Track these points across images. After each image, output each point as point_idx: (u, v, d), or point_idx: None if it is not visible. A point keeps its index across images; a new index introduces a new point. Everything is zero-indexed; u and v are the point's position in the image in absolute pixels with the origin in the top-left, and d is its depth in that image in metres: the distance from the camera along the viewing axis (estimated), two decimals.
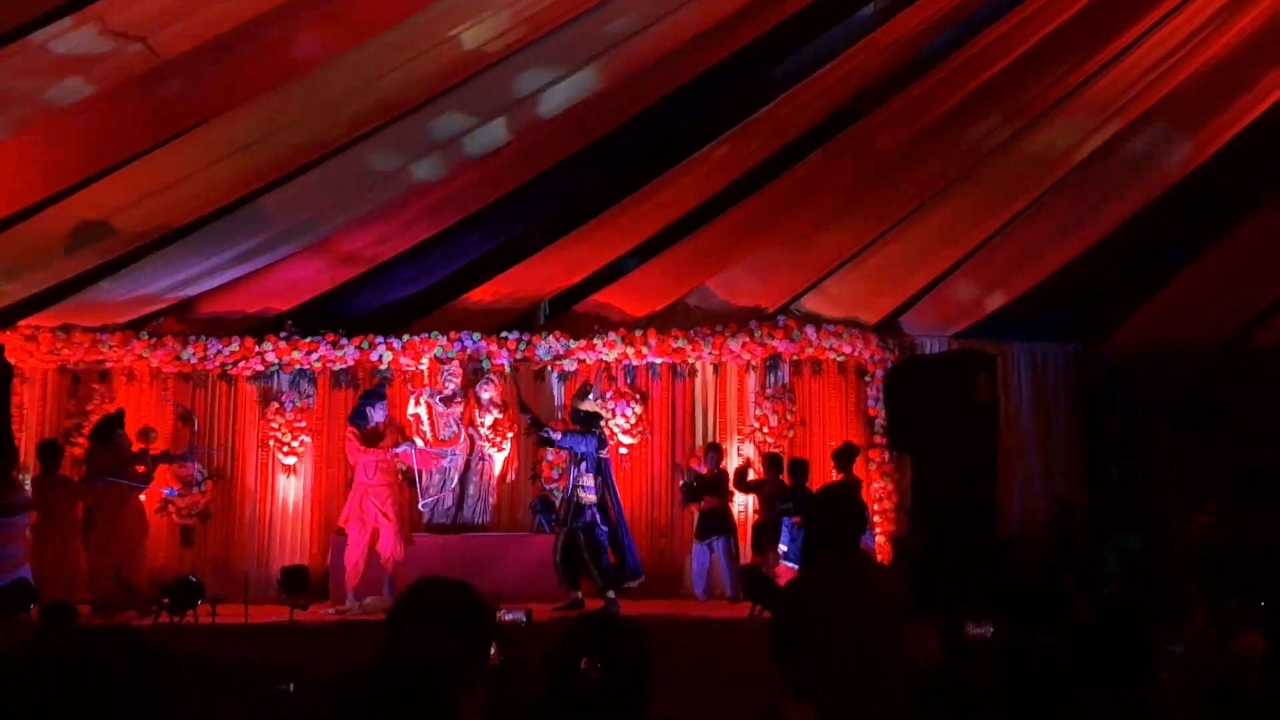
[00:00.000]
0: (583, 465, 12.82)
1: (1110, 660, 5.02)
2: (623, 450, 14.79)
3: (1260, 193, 14.00)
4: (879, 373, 14.86)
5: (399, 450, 13.47)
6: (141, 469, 13.20)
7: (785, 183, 13.61)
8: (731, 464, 14.49)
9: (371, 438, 13.06)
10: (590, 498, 12.73)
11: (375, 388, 13.92)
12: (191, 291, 14.09)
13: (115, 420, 13.23)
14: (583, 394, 13.47)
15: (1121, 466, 15.51)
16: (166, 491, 13.96)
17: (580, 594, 12.56)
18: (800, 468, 13.77)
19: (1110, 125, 13.08)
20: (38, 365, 14.22)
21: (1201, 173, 13.53)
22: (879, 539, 14.27)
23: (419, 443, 14.18)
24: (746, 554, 14.03)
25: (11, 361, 12.88)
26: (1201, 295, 14.65)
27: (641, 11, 11.36)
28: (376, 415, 13.21)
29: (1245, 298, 14.90)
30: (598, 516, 12.71)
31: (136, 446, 13.43)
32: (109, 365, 14.40)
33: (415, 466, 14.11)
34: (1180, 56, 12.42)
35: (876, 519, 14.37)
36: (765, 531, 13.68)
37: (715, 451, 14.30)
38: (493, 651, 3.95)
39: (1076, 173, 13.66)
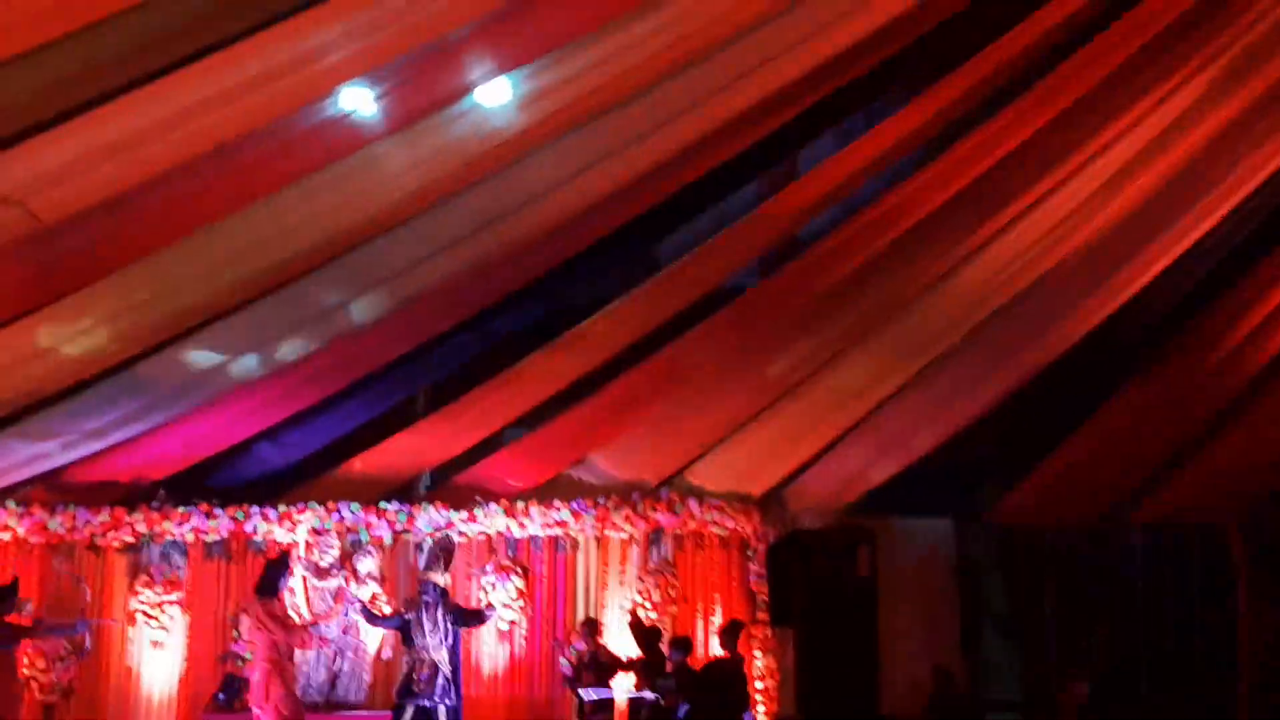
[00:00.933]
0: (456, 639, 12.58)
1: None
2: (503, 625, 14.52)
3: (1128, 374, 14.43)
4: (761, 548, 14.82)
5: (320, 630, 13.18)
6: (29, 638, 12.63)
7: (667, 356, 13.70)
8: (612, 638, 14.21)
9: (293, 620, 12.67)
10: (450, 673, 12.56)
11: (283, 558, 13.33)
12: (62, 459, 13.71)
13: (9, 591, 12.65)
14: (439, 566, 13.19)
15: (1002, 639, 15.59)
16: None
17: None
18: (682, 644, 13.58)
19: (988, 303, 13.42)
20: None
21: (1075, 352, 13.88)
22: (763, 717, 14.09)
23: (306, 617, 13.83)
24: None
25: None
26: (1076, 472, 14.91)
27: (526, 190, 11.51)
28: (285, 588, 12.81)
29: (1117, 477, 15.20)
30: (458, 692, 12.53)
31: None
32: None
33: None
34: (1056, 239, 12.86)
35: (759, 696, 14.19)
36: (641, 708, 13.40)
37: (591, 627, 14.03)
38: None
39: (953, 350, 13.94)
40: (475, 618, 13.09)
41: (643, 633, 13.60)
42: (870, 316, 13.55)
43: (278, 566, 12.76)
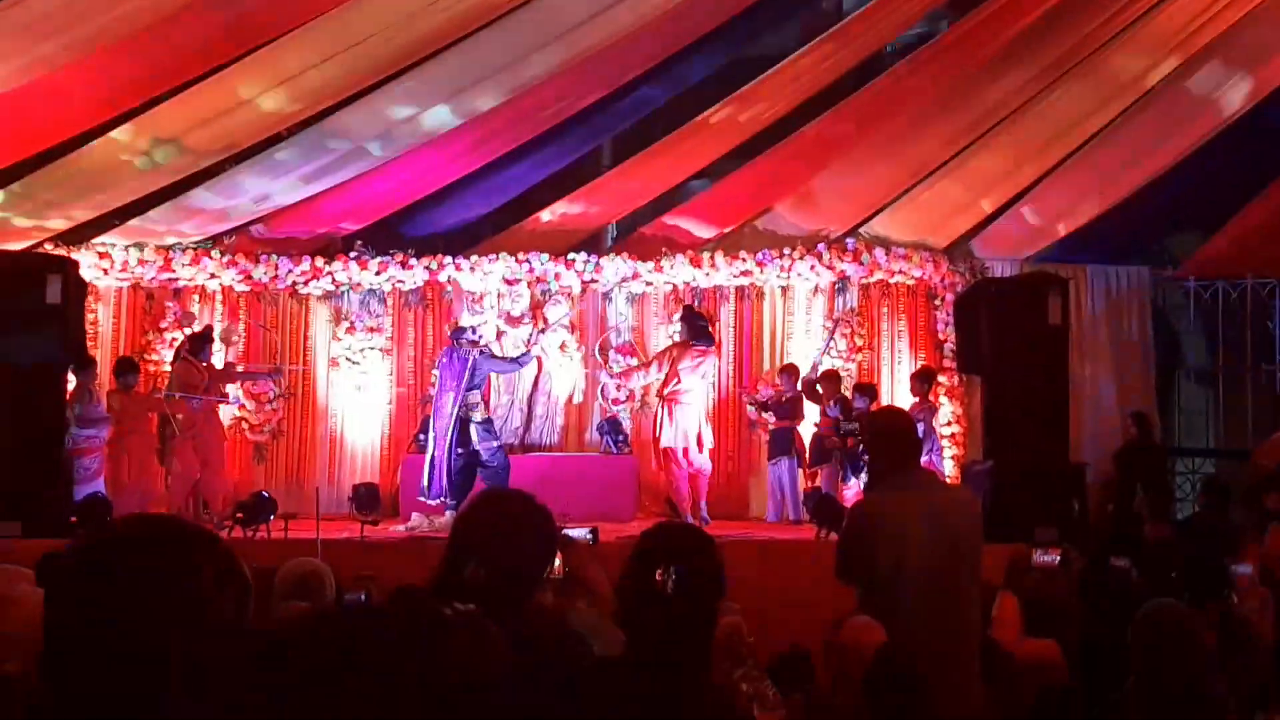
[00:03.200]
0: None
1: (1183, 581, 4.96)
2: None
3: None
4: (949, 296, 14.70)
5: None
6: (229, 382, 13.39)
7: (854, 105, 13.48)
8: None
9: None
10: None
11: (691, 310, 14.21)
12: (263, 209, 14.15)
13: (205, 336, 13.29)
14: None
15: (1198, 388, 15.37)
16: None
17: None
18: (867, 391, 13.66)
19: (1180, 52, 12.82)
20: (112, 283, 14.36)
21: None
22: (950, 462, 14.14)
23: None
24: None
25: (85, 279, 13.01)
26: (1274, 222, 14.37)
27: None
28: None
29: None
30: None
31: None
32: (181, 283, 14.51)
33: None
34: None
35: (945, 443, 14.24)
36: (823, 446, 13.55)
37: (789, 373, 14.14)
38: (557, 563, 3.97)
39: (1149, 97, 13.41)
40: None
41: (828, 379, 13.75)
42: (1064, 60, 13.05)
43: (701, 316, 13.89)
